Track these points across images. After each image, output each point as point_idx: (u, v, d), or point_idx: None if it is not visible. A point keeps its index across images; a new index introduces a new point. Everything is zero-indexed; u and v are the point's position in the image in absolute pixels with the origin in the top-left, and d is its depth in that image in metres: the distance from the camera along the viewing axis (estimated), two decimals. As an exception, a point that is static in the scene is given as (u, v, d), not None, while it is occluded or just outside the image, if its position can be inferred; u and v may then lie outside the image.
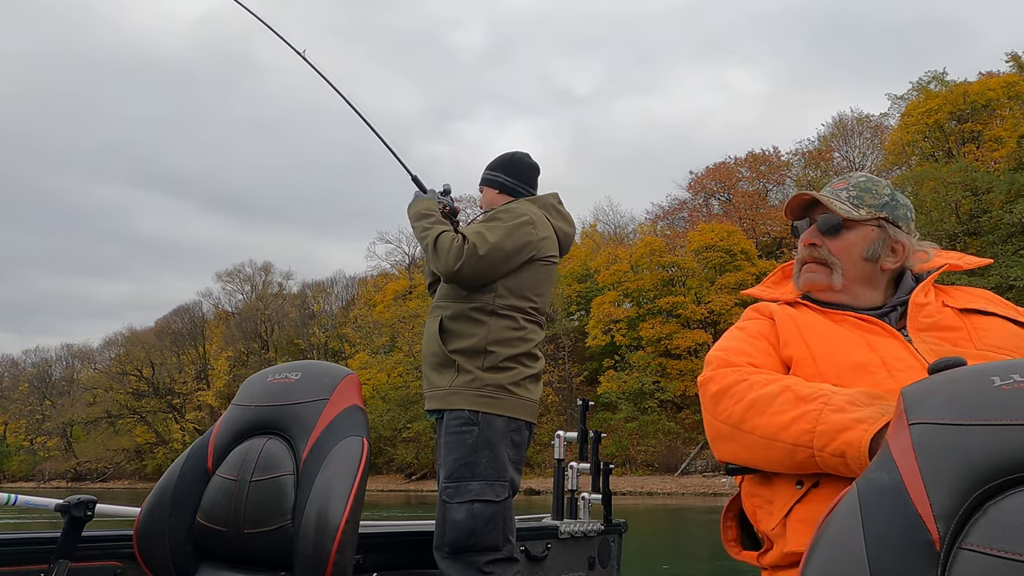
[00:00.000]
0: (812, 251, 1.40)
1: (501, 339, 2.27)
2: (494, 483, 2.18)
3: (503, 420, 2.22)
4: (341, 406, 1.73)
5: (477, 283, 2.27)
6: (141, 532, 1.73)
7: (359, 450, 1.63)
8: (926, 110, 34.16)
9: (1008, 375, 0.82)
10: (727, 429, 1.22)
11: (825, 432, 1.08)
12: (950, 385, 0.86)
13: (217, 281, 64.47)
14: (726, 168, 41.26)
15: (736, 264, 33.90)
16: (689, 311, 33.01)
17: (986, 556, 0.71)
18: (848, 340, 1.28)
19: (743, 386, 1.22)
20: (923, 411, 0.84)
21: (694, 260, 33.99)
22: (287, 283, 60.43)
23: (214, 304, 60.95)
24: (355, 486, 1.56)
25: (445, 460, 2.21)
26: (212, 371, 54.24)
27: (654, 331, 32.88)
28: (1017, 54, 35.02)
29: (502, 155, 2.56)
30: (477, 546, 2.12)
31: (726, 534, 1.33)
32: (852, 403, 1.10)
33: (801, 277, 1.43)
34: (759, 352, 1.33)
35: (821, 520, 0.85)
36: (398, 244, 58.14)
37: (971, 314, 1.30)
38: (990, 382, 0.82)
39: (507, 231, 2.29)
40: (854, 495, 0.83)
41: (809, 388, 1.16)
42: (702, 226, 35.89)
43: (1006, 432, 0.77)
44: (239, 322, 54.88)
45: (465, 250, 2.22)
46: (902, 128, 34.93)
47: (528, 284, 2.34)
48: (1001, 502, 0.74)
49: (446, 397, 2.24)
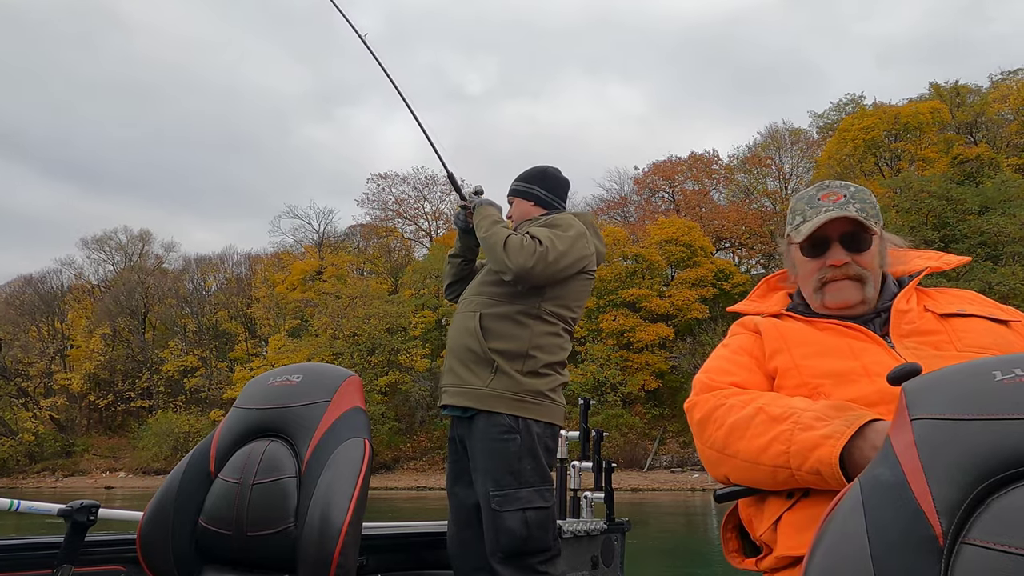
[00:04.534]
0: (845, 269, 1.40)
1: (543, 344, 2.31)
2: (541, 488, 2.23)
3: (541, 425, 2.27)
4: (343, 408, 1.74)
5: (541, 283, 2.30)
6: (144, 536, 1.74)
7: (361, 452, 1.64)
8: (863, 127, 36.28)
9: (1009, 369, 0.82)
10: (714, 455, 1.25)
11: (798, 452, 1.11)
12: (951, 380, 0.86)
13: (82, 248, 56.74)
14: (669, 165, 41.73)
15: (696, 260, 34.09)
16: (653, 304, 32.64)
17: (989, 550, 0.71)
18: (832, 348, 1.31)
19: (722, 411, 1.26)
20: (925, 406, 0.84)
21: (657, 253, 33.69)
22: (168, 255, 53.80)
23: (75, 274, 52.87)
24: (358, 488, 1.57)
25: (487, 466, 2.22)
26: (75, 350, 46.78)
27: (615, 323, 32.19)
28: (937, 83, 38.25)
29: (533, 168, 2.58)
30: (531, 550, 2.16)
31: (727, 545, 1.35)
32: (819, 418, 1.12)
33: (828, 296, 1.41)
34: (741, 368, 1.37)
35: (824, 516, 0.85)
36: (308, 220, 53.70)
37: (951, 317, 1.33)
38: (991, 376, 0.82)
39: (571, 241, 2.32)
40: (857, 491, 0.82)
41: (780, 408, 1.18)
42: (662, 220, 35.76)
43: (1008, 426, 0.77)
44: (115, 295, 47.67)
45: (538, 252, 2.25)
46: (839, 142, 36.84)
47: (572, 295, 2.39)
48: (1004, 496, 0.74)
49: (483, 398, 2.25)
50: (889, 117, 36.08)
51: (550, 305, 2.32)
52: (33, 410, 43.95)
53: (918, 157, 34.97)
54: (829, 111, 43.34)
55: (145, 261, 52.67)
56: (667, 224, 34.97)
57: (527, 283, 2.28)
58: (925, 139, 35.63)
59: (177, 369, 43.59)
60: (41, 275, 51.50)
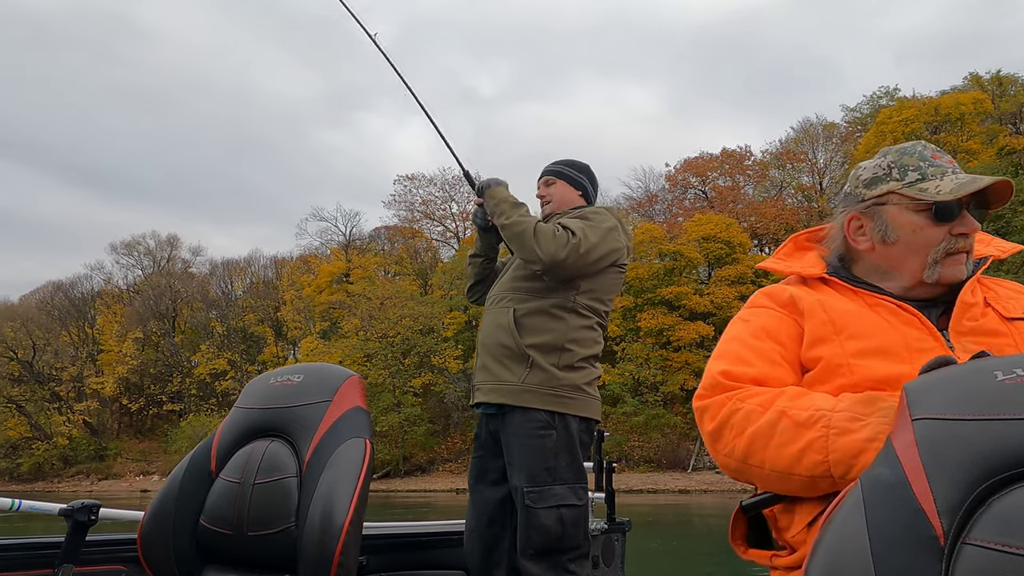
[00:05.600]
0: (971, 241, 1.27)
1: (578, 338, 2.28)
2: (575, 486, 2.19)
3: (577, 420, 2.24)
4: (344, 407, 1.73)
5: (573, 275, 2.26)
6: (145, 535, 1.74)
7: (362, 451, 1.63)
8: (902, 119, 35.52)
9: (1011, 369, 0.82)
10: (734, 464, 1.17)
11: (840, 461, 1.04)
12: (953, 380, 0.86)
13: (111, 253, 57.39)
14: (701, 162, 41.17)
15: (734, 256, 33.52)
16: (692, 302, 32.11)
17: (990, 551, 0.71)
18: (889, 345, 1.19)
19: (738, 417, 1.17)
20: (926, 406, 0.84)
21: (696, 250, 33.14)
22: (195, 259, 53.95)
23: (104, 279, 53.12)
24: (358, 487, 1.57)
25: (522, 463, 2.19)
26: (106, 354, 46.92)
27: (654, 322, 31.69)
28: (977, 73, 37.39)
29: (580, 161, 2.57)
30: (563, 548, 2.14)
31: (734, 532, 1.26)
32: (853, 419, 1.06)
33: (947, 269, 1.26)
34: (762, 359, 1.24)
35: (825, 516, 0.85)
36: (334, 222, 53.73)
37: (1017, 321, 1.23)
38: (992, 377, 0.82)
39: (604, 233, 2.29)
40: (857, 491, 0.82)
41: (805, 411, 1.11)
42: (698, 216, 35.23)
43: (1009, 426, 0.77)
44: (144, 300, 47.77)
45: (571, 242, 2.21)
46: (877, 134, 36.09)
47: (604, 288, 2.36)
48: (1005, 497, 0.74)
49: (518, 394, 2.21)
50: (929, 109, 35.22)
51: (584, 299, 2.30)
52: (67, 414, 44.12)
53: (961, 149, 34.10)
54: (862, 104, 42.52)
55: (173, 265, 52.90)
56: (704, 221, 34.44)
57: (557, 275, 2.25)
58: (967, 130, 34.80)
59: (208, 372, 43.58)
60: (71, 280, 51.91)
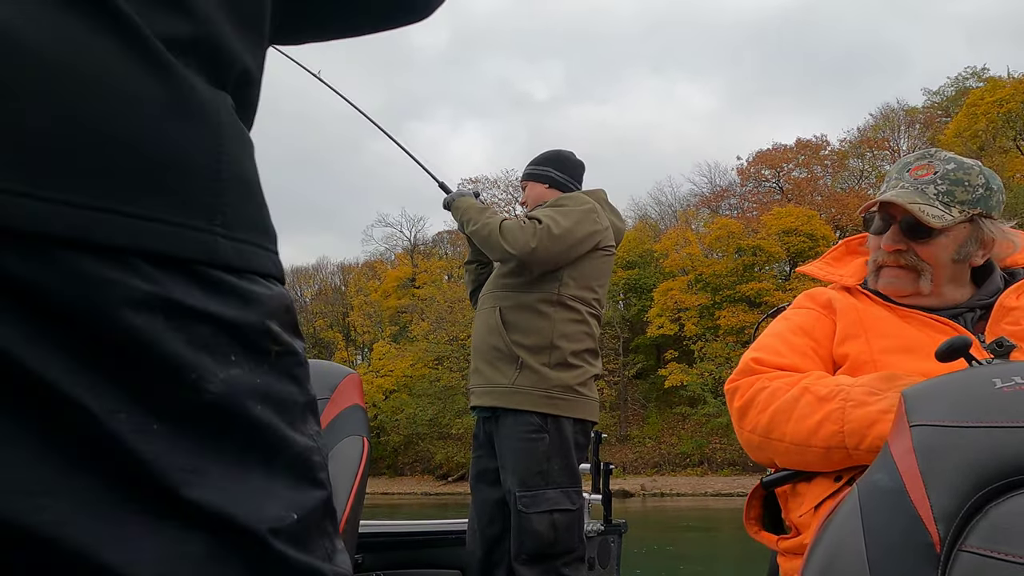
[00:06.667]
0: (897, 257, 1.27)
1: (567, 333, 2.23)
2: (569, 490, 2.16)
3: (571, 422, 2.19)
4: (342, 405, 1.70)
5: (549, 266, 2.23)
6: None
7: (359, 450, 1.62)
8: (995, 100, 33.32)
9: (1009, 377, 0.82)
10: (756, 439, 1.21)
11: (854, 431, 1.07)
12: (951, 387, 0.86)
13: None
14: (775, 153, 39.62)
15: (818, 250, 32.00)
16: (775, 299, 30.72)
17: (986, 558, 0.70)
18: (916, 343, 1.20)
19: (764, 395, 1.21)
20: (924, 413, 0.84)
21: (777, 244, 31.79)
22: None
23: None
24: (355, 486, 1.55)
25: (514, 467, 2.16)
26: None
27: (734, 320, 30.46)
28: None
29: (547, 152, 2.53)
30: (556, 552, 2.12)
31: (748, 512, 1.29)
32: (871, 392, 1.08)
33: (881, 280, 1.31)
34: (794, 352, 1.28)
35: (821, 522, 0.85)
36: (399, 228, 54.19)
37: None
38: (991, 384, 0.82)
39: (578, 217, 2.25)
40: (854, 497, 0.82)
41: (827, 387, 1.14)
42: (777, 210, 33.76)
43: (1007, 434, 0.76)
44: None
45: (539, 230, 2.18)
46: (969, 117, 33.96)
47: (592, 274, 2.31)
48: (1002, 504, 0.73)
49: (508, 396, 2.19)
50: (1024, 88, 32.99)
51: (570, 289, 2.25)
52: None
53: (1063, 132, 31.77)
54: (945, 87, 40.23)
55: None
56: (783, 213, 32.80)
57: (536, 266, 2.21)
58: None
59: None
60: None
